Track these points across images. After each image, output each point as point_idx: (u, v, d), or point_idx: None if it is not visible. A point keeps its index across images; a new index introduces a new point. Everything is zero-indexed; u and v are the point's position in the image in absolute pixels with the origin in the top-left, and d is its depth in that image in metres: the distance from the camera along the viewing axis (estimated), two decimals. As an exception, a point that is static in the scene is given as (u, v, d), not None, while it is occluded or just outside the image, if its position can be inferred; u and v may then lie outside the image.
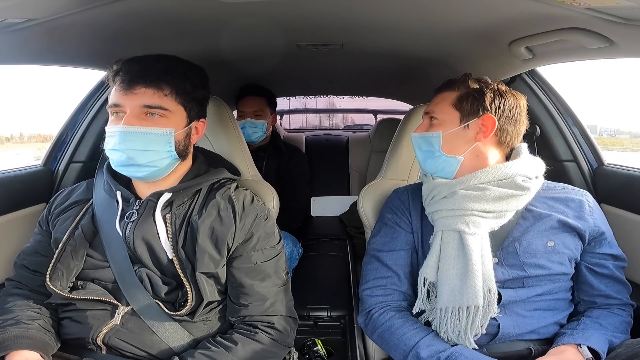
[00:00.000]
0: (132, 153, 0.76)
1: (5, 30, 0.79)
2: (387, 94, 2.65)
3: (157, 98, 0.77)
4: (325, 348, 1.19)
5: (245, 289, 0.81)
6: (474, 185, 0.83)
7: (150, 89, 0.76)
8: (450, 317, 0.79)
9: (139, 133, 0.76)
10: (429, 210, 0.88)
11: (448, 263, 0.80)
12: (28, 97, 56.59)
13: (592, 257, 0.85)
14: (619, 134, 11.01)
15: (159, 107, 0.77)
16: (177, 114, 0.80)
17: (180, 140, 0.81)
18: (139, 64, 0.77)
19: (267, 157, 1.80)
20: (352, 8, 0.92)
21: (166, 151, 0.79)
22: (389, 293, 0.88)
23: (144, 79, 0.76)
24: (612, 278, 0.85)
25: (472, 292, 0.77)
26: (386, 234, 0.93)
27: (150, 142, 0.77)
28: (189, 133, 0.83)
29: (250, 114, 1.73)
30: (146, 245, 0.80)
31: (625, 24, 0.73)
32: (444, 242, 0.82)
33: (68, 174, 1.36)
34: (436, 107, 0.90)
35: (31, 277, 0.84)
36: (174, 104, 0.79)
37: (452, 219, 0.82)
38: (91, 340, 0.77)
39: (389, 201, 0.99)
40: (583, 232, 0.83)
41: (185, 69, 0.82)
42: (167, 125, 0.78)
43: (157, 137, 0.77)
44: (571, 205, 0.86)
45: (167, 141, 0.78)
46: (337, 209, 2.19)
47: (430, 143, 0.88)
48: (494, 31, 0.99)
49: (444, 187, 0.85)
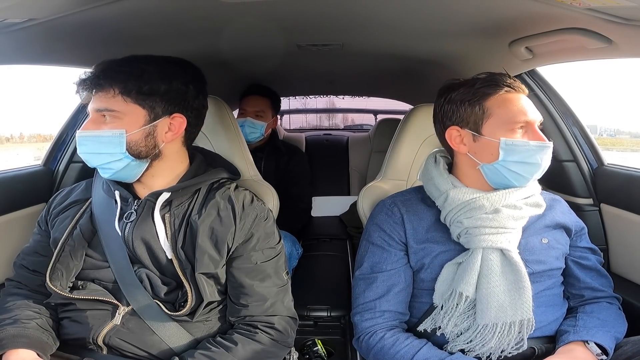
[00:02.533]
0: (87, 156, 0.79)
1: (5, 30, 0.79)
2: (387, 94, 2.65)
3: (105, 100, 0.77)
4: (325, 348, 1.18)
5: (245, 289, 0.81)
6: (512, 204, 0.81)
7: (102, 92, 0.77)
8: (498, 332, 0.78)
9: (90, 137, 0.78)
10: (468, 224, 0.80)
11: (494, 280, 0.79)
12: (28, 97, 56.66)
13: (576, 250, 0.90)
14: (619, 134, 11.01)
15: (106, 109, 0.77)
16: (130, 114, 0.78)
17: (136, 140, 0.78)
18: (97, 69, 0.79)
19: (265, 157, 1.77)
20: (352, 8, 0.92)
21: (119, 153, 0.78)
22: (379, 315, 0.85)
23: (97, 83, 0.77)
24: (596, 271, 0.90)
25: (526, 307, 0.78)
26: (374, 254, 0.88)
27: (102, 145, 0.77)
28: (151, 132, 0.79)
29: (251, 113, 1.71)
30: (145, 245, 0.80)
31: (625, 24, 0.73)
32: (486, 259, 0.79)
33: (68, 174, 1.36)
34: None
35: (31, 277, 0.84)
36: (123, 105, 0.77)
37: (495, 236, 0.80)
38: (91, 340, 0.77)
39: (375, 218, 0.91)
40: (570, 227, 0.89)
41: (141, 65, 0.79)
42: (119, 127, 0.77)
43: (107, 139, 0.77)
44: (555, 204, 0.91)
45: (117, 143, 0.77)
46: (337, 209, 2.19)
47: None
48: (494, 31, 0.99)
49: (484, 200, 0.80)
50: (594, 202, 1.24)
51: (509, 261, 0.79)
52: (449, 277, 0.82)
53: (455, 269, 0.82)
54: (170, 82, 0.80)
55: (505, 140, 0.79)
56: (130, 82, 0.77)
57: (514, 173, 0.80)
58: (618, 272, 1.15)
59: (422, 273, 0.85)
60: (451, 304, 0.80)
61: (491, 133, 0.80)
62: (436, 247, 0.85)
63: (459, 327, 0.81)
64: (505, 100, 0.81)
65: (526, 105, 0.81)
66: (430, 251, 0.85)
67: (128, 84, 0.77)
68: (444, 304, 0.81)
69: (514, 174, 0.80)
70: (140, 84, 0.78)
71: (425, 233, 0.86)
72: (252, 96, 1.75)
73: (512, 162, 0.79)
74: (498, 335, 0.78)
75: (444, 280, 0.82)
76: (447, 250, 0.84)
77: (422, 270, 0.85)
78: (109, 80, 0.77)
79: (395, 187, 1.10)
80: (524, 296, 0.78)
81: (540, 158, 0.79)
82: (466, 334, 0.80)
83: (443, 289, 0.82)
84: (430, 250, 0.85)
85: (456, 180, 0.85)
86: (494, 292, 0.78)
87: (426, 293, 0.85)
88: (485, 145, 0.81)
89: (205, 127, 0.94)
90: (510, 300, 0.78)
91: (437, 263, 0.84)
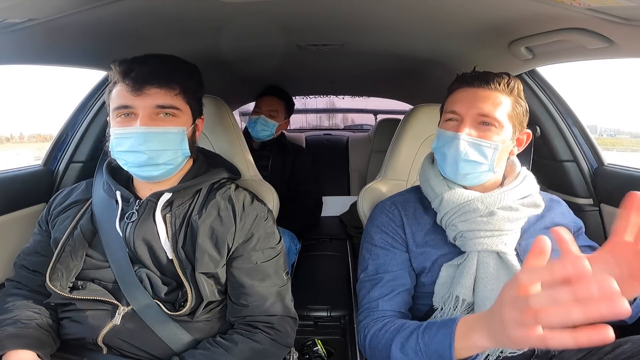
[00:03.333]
0: (152, 153, 0.77)
1: (5, 30, 0.79)
2: (387, 94, 2.65)
3: (170, 98, 0.78)
4: (325, 348, 1.18)
5: (246, 289, 0.81)
6: (509, 206, 0.81)
7: (163, 89, 0.77)
8: None
9: (157, 133, 0.77)
10: (462, 228, 0.80)
11: (490, 283, 0.78)
12: (28, 97, 56.60)
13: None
14: (619, 134, 11.02)
15: (172, 106, 0.78)
16: (186, 112, 0.82)
17: (189, 138, 0.83)
18: (147, 65, 0.77)
19: (273, 155, 1.82)
20: (352, 8, 0.92)
21: (181, 149, 0.81)
22: (381, 314, 0.83)
23: (157, 80, 0.76)
24: None
25: None
26: (378, 256, 0.87)
27: (168, 142, 0.78)
28: (194, 131, 0.86)
29: (265, 112, 1.78)
30: (146, 245, 0.80)
31: (625, 24, 0.73)
32: (482, 262, 0.79)
33: (68, 174, 1.36)
34: (496, 111, 0.79)
35: (31, 277, 0.84)
36: (183, 103, 0.81)
37: (490, 239, 0.79)
38: (91, 340, 0.77)
39: (375, 220, 0.90)
40: (569, 227, 0.88)
41: (188, 68, 0.84)
42: (180, 124, 0.80)
43: (174, 136, 0.79)
44: (554, 205, 0.90)
45: (182, 139, 0.80)
46: (337, 209, 2.19)
47: (483, 153, 0.79)
48: (494, 31, 0.99)
49: (478, 203, 0.80)
50: (594, 202, 1.24)
51: (505, 264, 0.79)
52: (448, 280, 0.82)
53: (453, 270, 0.82)
54: (202, 87, 0.87)
55: (438, 129, 0.85)
56: (189, 81, 0.81)
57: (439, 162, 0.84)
58: (618, 272, 1.15)
59: (422, 277, 0.85)
60: (449, 307, 0.80)
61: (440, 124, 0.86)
62: (435, 251, 0.85)
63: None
64: (452, 94, 0.84)
65: (465, 98, 0.81)
66: (429, 255, 0.85)
67: (189, 82, 0.81)
68: (443, 306, 0.81)
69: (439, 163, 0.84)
70: (194, 86, 0.83)
71: (424, 237, 0.86)
72: (269, 96, 1.82)
73: (436, 150, 0.84)
74: None
75: (442, 283, 0.82)
76: (446, 253, 0.84)
77: (423, 274, 0.85)
78: (174, 77, 0.78)
79: (395, 187, 1.10)
80: None
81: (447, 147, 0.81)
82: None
83: (442, 292, 0.82)
84: (430, 254, 0.85)
85: (452, 181, 0.85)
86: (490, 296, 0.77)
87: (427, 296, 0.85)
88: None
89: (205, 127, 0.94)
90: None
91: (437, 267, 0.83)
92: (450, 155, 0.80)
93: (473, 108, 0.79)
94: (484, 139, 0.79)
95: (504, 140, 0.80)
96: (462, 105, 0.80)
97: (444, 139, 0.82)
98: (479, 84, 0.81)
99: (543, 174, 1.30)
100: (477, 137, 0.79)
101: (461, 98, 0.81)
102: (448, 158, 0.81)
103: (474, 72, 0.83)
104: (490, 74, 0.81)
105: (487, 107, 0.79)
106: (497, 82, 0.80)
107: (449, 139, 0.81)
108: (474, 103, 0.79)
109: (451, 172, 0.83)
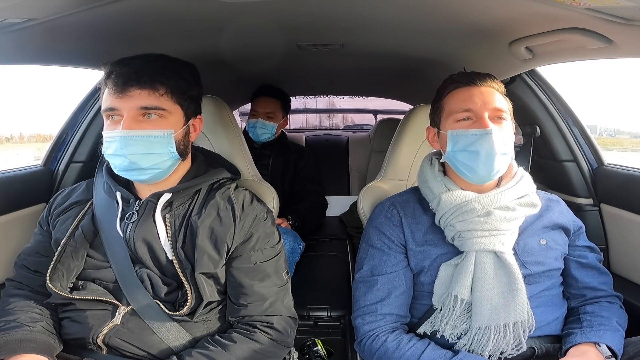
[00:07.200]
0: (134, 157, 0.75)
1: (5, 30, 0.79)
2: (387, 94, 2.65)
3: (154, 99, 0.76)
4: (325, 348, 1.18)
5: (245, 289, 0.81)
6: (505, 205, 0.81)
7: (145, 90, 0.75)
8: (492, 335, 0.78)
9: (139, 137, 0.75)
10: (460, 228, 0.81)
11: (488, 283, 0.79)
12: (28, 97, 56.61)
13: (574, 249, 0.90)
14: (619, 134, 11.00)
15: (156, 107, 0.76)
16: (175, 113, 0.79)
17: (179, 140, 0.80)
18: (129, 66, 0.76)
19: (274, 155, 1.80)
20: (352, 8, 0.92)
21: (168, 153, 0.78)
22: (380, 318, 0.84)
23: (137, 81, 0.74)
24: (595, 269, 0.89)
25: (519, 309, 0.78)
26: (374, 257, 0.88)
27: (152, 145, 0.76)
28: (187, 132, 0.83)
29: (262, 114, 1.75)
30: (147, 245, 0.80)
31: (625, 24, 0.72)
32: (479, 262, 0.79)
33: (68, 174, 1.36)
34: (505, 105, 0.83)
35: (32, 278, 0.84)
36: (170, 104, 0.78)
37: (487, 239, 0.79)
38: (91, 340, 0.77)
39: (375, 220, 0.91)
40: (568, 227, 0.89)
41: (177, 67, 0.81)
42: (167, 126, 0.78)
43: (158, 139, 0.76)
44: (552, 205, 0.91)
45: (168, 142, 0.78)
46: (337, 209, 2.19)
47: (509, 145, 0.81)
48: (494, 31, 0.99)
49: (476, 204, 0.80)
50: (594, 202, 1.24)
51: (503, 263, 0.79)
52: (447, 280, 0.82)
53: (452, 270, 0.82)
54: (197, 86, 0.84)
55: (451, 132, 0.82)
56: (178, 81, 0.78)
57: (463, 164, 0.81)
58: (618, 272, 1.16)
59: (422, 276, 0.85)
60: (448, 306, 0.81)
61: (445, 127, 0.84)
62: (434, 250, 0.85)
63: (457, 329, 0.81)
64: (453, 94, 0.84)
65: (474, 96, 0.81)
66: (429, 254, 0.85)
67: (177, 82, 0.78)
68: (442, 306, 0.82)
69: (464, 164, 0.81)
70: (184, 85, 0.80)
71: (423, 236, 0.86)
72: (263, 97, 1.78)
73: (458, 152, 0.81)
74: (494, 337, 0.78)
75: (441, 282, 0.82)
76: (445, 252, 0.84)
77: (422, 274, 0.85)
78: (159, 78, 0.76)
79: (395, 187, 1.10)
80: (517, 298, 0.78)
81: (480, 145, 0.79)
82: (465, 336, 0.80)
83: (441, 292, 0.82)
84: (429, 253, 0.85)
85: (450, 182, 0.85)
86: (488, 295, 0.78)
87: (426, 295, 0.85)
88: (443, 139, 0.85)
89: (205, 127, 0.94)
90: (504, 302, 0.78)
91: (436, 266, 0.84)
92: (484, 152, 0.78)
93: (488, 104, 0.80)
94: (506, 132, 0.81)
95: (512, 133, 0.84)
96: (476, 103, 0.80)
97: (469, 138, 0.80)
98: (480, 82, 0.82)
99: (543, 173, 1.31)
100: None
101: (470, 96, 0.81)
102: (481, 156, 0.78)
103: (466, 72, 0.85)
104: (480, 73, 0.85)
105: (498, 102, 0.82)
106: (492, 79, 0.84)
107: (477, 137, 0.79)
108: (487, 99, 0.81)
109: (485, 169, 0.79)
